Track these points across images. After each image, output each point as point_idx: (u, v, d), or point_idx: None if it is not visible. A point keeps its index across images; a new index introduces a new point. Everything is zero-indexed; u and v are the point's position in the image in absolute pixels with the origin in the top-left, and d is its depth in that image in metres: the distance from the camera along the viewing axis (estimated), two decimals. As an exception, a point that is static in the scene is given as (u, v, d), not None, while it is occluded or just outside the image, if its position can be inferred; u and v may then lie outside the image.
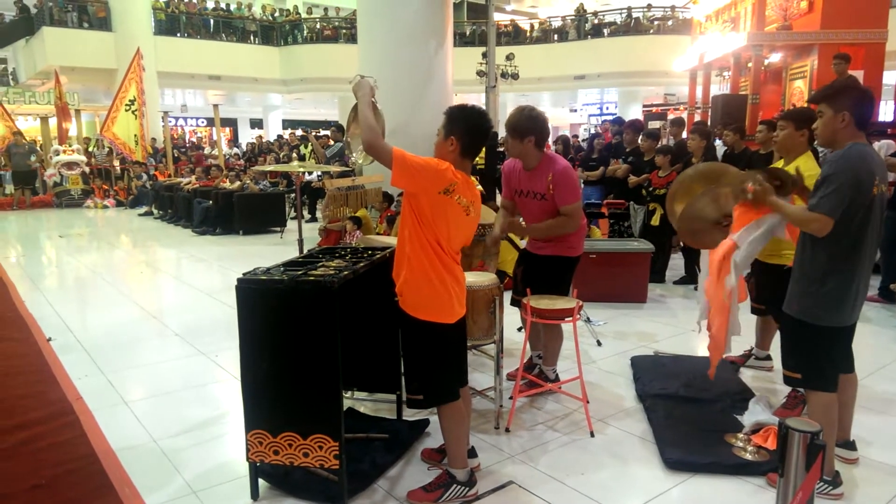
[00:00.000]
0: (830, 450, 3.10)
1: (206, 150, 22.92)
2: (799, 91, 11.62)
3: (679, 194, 4.22)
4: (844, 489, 3.08)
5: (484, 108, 3.04)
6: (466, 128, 2.99)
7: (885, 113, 13.41)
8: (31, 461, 3.47)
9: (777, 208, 3.10)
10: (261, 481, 3.14)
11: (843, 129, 2.93)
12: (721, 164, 4.58)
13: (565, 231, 4.04)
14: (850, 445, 3.39)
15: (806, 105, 6.43)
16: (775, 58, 12.07)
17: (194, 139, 30.66)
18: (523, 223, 4.24)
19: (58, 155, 17.77)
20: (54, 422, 3.95)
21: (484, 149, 13.08)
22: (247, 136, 33.91)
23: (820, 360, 3.03)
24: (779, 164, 4.11)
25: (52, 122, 19.48)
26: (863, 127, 2.95)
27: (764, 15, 12.48)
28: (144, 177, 17.69)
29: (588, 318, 5.78)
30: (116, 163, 19.14)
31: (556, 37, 25.66)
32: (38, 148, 19.62)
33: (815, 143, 3.87)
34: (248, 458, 3.03)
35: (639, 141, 8.47)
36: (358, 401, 4.25)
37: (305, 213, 13.87)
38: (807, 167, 3.67)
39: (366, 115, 2.88)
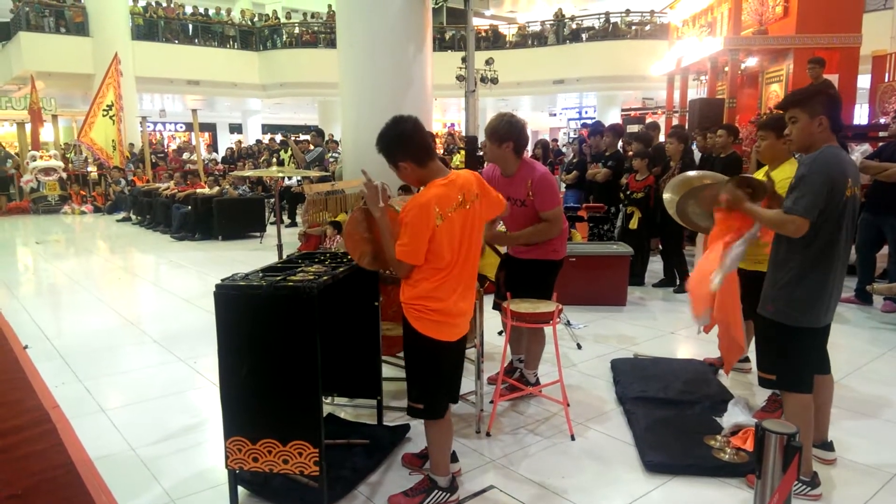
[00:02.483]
0: (808, 451, 3.13)
1: (185, 156, 22.75)
2: (775, 95, 11.73)
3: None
4: (823, 490, 3.11)
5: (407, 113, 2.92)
6: (402, 145, 2.90)
7: (859, 116, 13.52)
8: (7, 470, 3.42)
9: (752, 213, 3.14)
10: (240, 489, 3.12)
11: (820, 134, 2.96)
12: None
13: (548, 237, 4.06)
14: (828, 446, 3.43)
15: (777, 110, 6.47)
16: (751, 62, 12.17)
17: (174, 144, 30.40)
18: (503, 228, 4.25)
19: (34, 161, 17.58)
20: (31, 430, 3.90)
21: (464, 154, 13.17)
22: (226, 141, 33.70)
23: (795, 362, 3.06)
24: (763, 170, 4.12)
25: (29, 127, 19.27)
26: (836, 130, 2.98)
27: (740, 20, 12.58)
28: (122, 182, 17.50)
29: (568, 322, 5.80)
30: (93, 168, 18.96)
31: (534, 41, 25.77)
32: (15, 154, 19.37)
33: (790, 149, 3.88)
34: (227, 466, 3.01)
35: (618, 145, 8.58)
36: (338, 406, 4.23)
37: (285, 217, 13.81)
38: (793, 172, 3.69)
39: (389, 250, 2.90)
